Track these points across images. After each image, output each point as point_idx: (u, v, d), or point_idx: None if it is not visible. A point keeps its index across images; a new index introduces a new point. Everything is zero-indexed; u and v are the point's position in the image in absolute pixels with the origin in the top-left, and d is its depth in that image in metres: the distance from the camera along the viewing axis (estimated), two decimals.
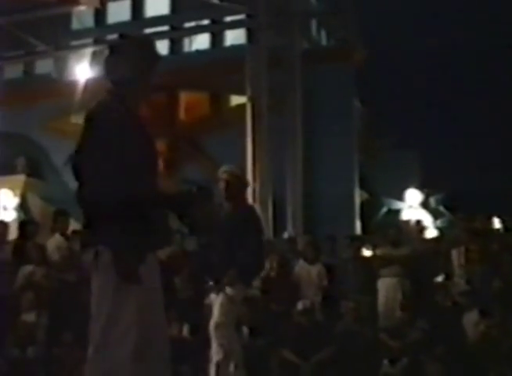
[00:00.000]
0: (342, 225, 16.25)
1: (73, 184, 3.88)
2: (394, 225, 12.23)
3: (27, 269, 9.42)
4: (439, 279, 10.49)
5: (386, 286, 10.13)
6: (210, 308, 6.96)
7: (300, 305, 9.33)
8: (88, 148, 3.74)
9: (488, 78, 29.80)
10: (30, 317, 9.03)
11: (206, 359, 7.11)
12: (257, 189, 15.74)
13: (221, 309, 6.63)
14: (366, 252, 11.56)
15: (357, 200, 18.65)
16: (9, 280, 9.45)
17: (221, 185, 6.83)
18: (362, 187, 19.38)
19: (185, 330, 9.36)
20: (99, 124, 3.76)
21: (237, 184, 6.89)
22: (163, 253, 8.27)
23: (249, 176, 14.47)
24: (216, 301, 6.70)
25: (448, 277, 10.34)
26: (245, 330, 9.07)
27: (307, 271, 10.33)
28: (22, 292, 9.27)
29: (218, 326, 6.63)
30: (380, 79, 24.07)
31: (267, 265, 10.19)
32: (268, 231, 16.18)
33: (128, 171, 3.72)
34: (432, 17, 30.42)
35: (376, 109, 22.63)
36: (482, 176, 27.47)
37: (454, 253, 10.25)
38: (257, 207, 13.05)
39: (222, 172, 6.89)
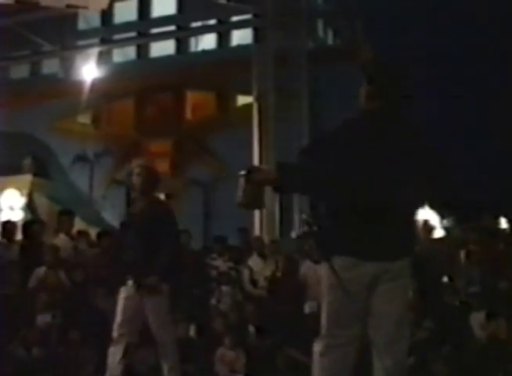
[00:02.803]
0: None
1: (79, 184, 3.86)
2: None
3: (41, 271, 9.38)
4: (446, 279, 10.47)
5: None
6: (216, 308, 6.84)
7: (307, 309, 9.27)
8: None
9: (489, 77, 29.76)
10: (45, 318, 9.00)
11: (212, 359, 7.04)
12: None
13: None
14: None
15: None
16: (17, 279, 9.44)
17: (135, 179, 6.62)
18: None
19: (192, 330, 9.33)
20: None
21: (150, 178, 6.63)
22: None
23: None
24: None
25: (451, 279, 10.31)
26: (251, 329, 9.08)
27: (314, 271, 10.28)
28: (35, 294, 9.23)
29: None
30: None
31: (273, 265, 10.20)
32: (275, 231, 16.17)
33: None
34: (439, 16, 30.37)
35: None
36: (490, 176, 27.41)
37: (461, 253, 10.21)
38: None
39: (136, 166, 6.69)
